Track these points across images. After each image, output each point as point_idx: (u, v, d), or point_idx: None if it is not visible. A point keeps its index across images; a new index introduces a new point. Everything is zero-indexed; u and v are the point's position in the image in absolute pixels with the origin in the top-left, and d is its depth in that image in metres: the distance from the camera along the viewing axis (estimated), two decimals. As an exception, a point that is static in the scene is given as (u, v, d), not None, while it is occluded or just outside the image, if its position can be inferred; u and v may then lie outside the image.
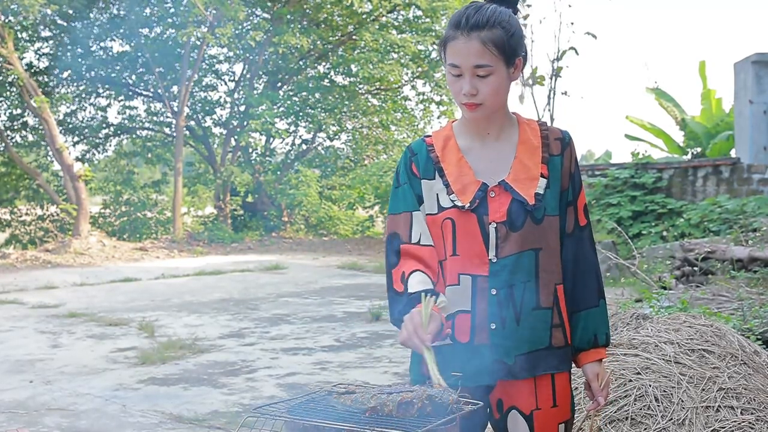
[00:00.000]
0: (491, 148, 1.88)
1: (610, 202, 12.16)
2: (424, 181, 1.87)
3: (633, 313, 3.63)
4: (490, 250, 1.81)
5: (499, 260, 1.80)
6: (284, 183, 19.13)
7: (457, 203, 1.82)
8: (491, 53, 1.76)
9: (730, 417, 2.59)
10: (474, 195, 1.82)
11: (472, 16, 1.77)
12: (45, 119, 16.11)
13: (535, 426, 1.83)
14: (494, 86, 1.79)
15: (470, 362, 1.79)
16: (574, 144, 1.92)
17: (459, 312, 1.82)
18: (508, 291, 1.81)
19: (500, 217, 1.81)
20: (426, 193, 1.87)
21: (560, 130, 1.92)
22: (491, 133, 1.88)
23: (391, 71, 18.30)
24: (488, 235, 1.81)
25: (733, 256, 7.16)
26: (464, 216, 1.82)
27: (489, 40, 1.76)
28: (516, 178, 1.84)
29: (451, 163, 1.87)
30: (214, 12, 17.32)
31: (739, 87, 11.92)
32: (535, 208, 1.82)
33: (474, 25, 1.77)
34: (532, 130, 1.90)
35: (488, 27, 1.77)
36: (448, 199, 1.84)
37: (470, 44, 1.76)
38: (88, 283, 10.75)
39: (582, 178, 2.00)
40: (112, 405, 4.66)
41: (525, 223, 1.81)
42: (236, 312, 8.22)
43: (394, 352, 6.11)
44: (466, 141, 1.89)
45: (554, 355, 1.84)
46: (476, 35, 1.76)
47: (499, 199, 1.82)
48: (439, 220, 1.85)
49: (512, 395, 1.84)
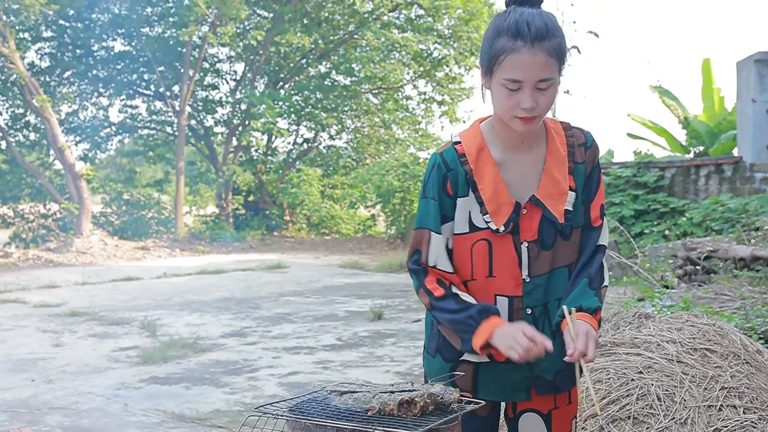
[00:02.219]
0: (523, 159, 1.80)
1: (613, 201, 12.14)
2: (460, 199, 1.79)
3: (635, 312, 3.63)
4: (522, 270, 1.78)
5: (532, 279, 1.79)
6: (286, 182, 19.14)
7: (491, 226, 1.77)
8: (553, 65, 1.67)
9: (732, 416, 2.59)
10: (508, 217, 1.77)
11: (532, 25, 1.64)
12: (47, 118, 16.13)
13: (552, 424, 1.85)
14: (551, 98, 1.71)
15: (509, 379, 1.81)
16: (596, 144, 1.86)
17: None
18: (543, 309, 1.81)
19: (531, 236, 1.78)
20: (459, 211, 1.80)
21: (584, 134, 1.85)
22: (525, 143, 1.80)
23: (392, 71, 18.29)
24: (522, 255, 1.78)
25: (735, 255, 7.15)
26: (500, 238, 1.78)
27: (552, 51, 1.66)
28: (546, 193, 1.78)
29: (485, 178, 1.78)
30: (215, 11, 17.32)
31: (742, 86, 11.89)
32: (565, 226, 1.79)
33: (538, 35, 1.64)
34: (559, 137, 1.83)
35: (549, 37, 1.66)
36: (482, 219, 1.78)
37: (536, 57, 1.64)
38: (90, 282, 10.76)
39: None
40: (113, 404, 4.66)
41: (555, 241, 1.79)
42: (238, 311, 8.22)
43: (396, 351, 6.11)
44: (500, 152, 1.80)
45: (570, 369, 1.84)
46: (540, 46, 1.65)
47: (530, 216, 1.78)
48: (470, 240, 1.80)
49: (530, 400, 1.86)
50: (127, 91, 20.36)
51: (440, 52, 19.67)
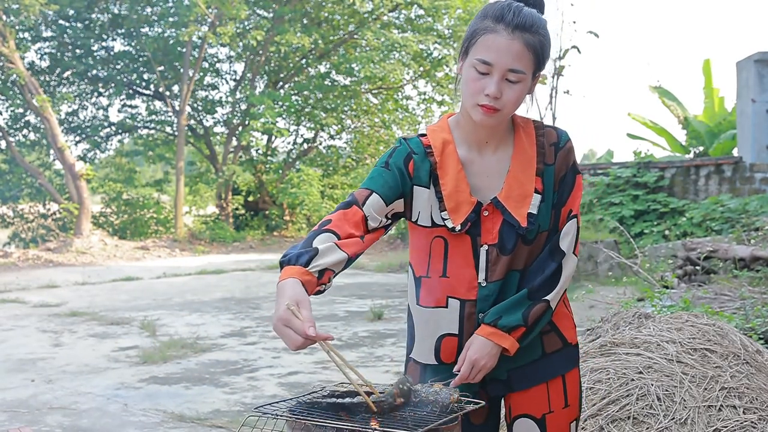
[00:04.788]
0: (488, 159, 1.75)
1: (612, 201, 12.15)
2: (416, 187, 1.73)
3: (635, 312, 3.63)
4: (479, 273, 1.73)
5: (488, 284, 1.73)
6: (286, 182, 19.14)
7: (448, 224, 1.71)
8: (528, 59, 1.64)
9: (732, 416, 2.59)
10: (467, 216, 1.71)
11: (517, 14, 1.63)
12: (47, 118, 16.13)
13: (547, 429, 1.80)
14: (518, 95, 1.66)
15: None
16: (570, 145, 1.78)
17: (446, 335, 1.78)
18: None
19: (492, 240, 1.72)
20: (418, 202, 1.74)
21: (557, 133, 1.78)
22: (490, 143, 1.75)
23: (392, 71, 18.30)
24: (479, 258, 1.72)
25: (735, 256, 7.15)
26: (457, 238, 1.72)
27: (530, 45, 1.63)
28: (508, 195, 1.72)
29: (448, 173, 1.73)
30: (215, 11, 17.33)
31: (742, 86, 11.90)
32: (528, 230, 1.71)
33: (520, 24, 1.62)
34: (528, 136, 1.76)
35: (532, 31, 1.64)
36: (440, 217, 1.73)
37: (512, 43, 1.62)
38: (90, 282, 10.76)
39: (584, 178, 1.86)
40: (113, 404, 4.66)
41: (516, 246, 1.72)
42: (238, 311, 8.22)
43: (396, 351, 6.11)
44: (466, 151, 1.75)
45: (552, 360, 1.81)
46: (520, 35, 1.62)
47: (492, 219, 1.72)
48: (430, 235, 1.75)
49: (521, 403, 1.82)
50: (126, 90, 20.37)
51: (440, 52, 19.68)
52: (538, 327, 1.73)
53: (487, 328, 1.71)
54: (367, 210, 1.67)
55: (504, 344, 1.70)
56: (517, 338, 1.71)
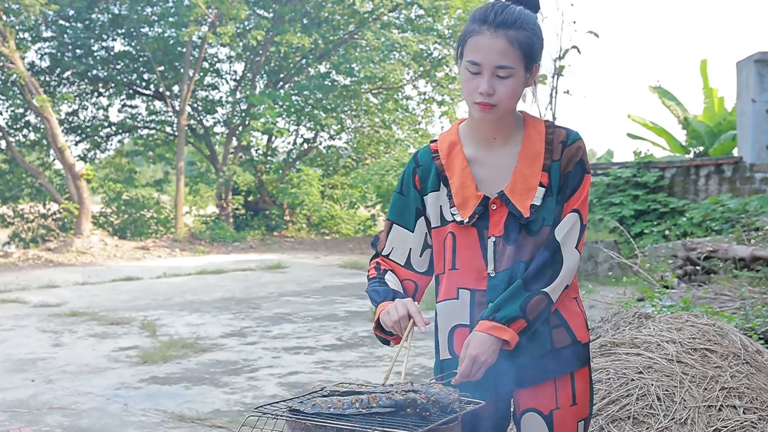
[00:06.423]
0: (497, 155, 1.83)
1: (612, 201, 12.15)
2: (431, 193, 1.85)
3: (635, 312, 3.63)
4: (488, 264, 1.80)
5: (497, 274, 1.79)
6: (286, 182, 19.14)
7: (456, 218, 1.81)
8: (515, 54, 1.71)
9: (732, 416, 2.59)
10: (474, 210, 1.79)
11: (500, 13, 1.72)
12: (47, 118, 16.12)
13: (554, 425, 1.81)
14: (512, 89, 1.74)
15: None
16: (579, 144, 1.81)
17: (458, 326, 1.83)
18: None
19: (499, 232, 1.79)
20: (431, 206, 1.86)
21: (567, 132, 1.83)
22: (498, 138, 1.83)
23: (392, 71, 18.29)
24: (487, 249, 1.80)
25: (735, 255, 7.15)
26: (464, 230, 1.81)
27: (515, 41, 1.71)
28: (514, 189, 1.79)
29: (455, 172, 1.83)
30: (215, 11, 17.33)
31: (742, 86, 11.90)
32: (531, 221, 1.77)
33: (502, 22, 1.71)
34: (538, 134, 1.82)
35: (516, 27, 1.72)
36: (449, 213, 1.83)
37: (495, 41, 1.71)
38: (90, 282, 10.76)
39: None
40: (113, 404, 4.66)
41: (519, 236, 1.78)
42: (238, 311, 8.22)
43: (396, 351, 6.11)
44: (473, 148, 1.85)
45: (561, 355, 1.81)
46: (503, 33, 1.71)
47: (499, 212, 1.79)
48: (442, 233, 1.85)
49: (529, 398, 1.83)
50: (126, 90, 20.36)
51: (440, 52, 19.67)
52: (537, 320, 1.75)
53: (485, 323, 1.74)
54: (397, 251, 1.93)
55: (504, 336, 1.72)
56: (517, 331, 1.73)
